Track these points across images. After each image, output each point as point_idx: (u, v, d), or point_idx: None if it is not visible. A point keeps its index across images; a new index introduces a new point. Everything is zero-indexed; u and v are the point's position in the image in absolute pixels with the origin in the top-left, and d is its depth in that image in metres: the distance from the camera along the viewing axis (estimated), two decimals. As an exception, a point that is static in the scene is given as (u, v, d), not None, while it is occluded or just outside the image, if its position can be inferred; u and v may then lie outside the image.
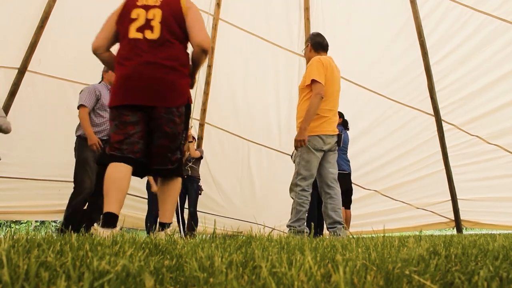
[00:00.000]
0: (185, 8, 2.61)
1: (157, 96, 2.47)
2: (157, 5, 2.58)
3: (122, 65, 2.54)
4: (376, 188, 7.16)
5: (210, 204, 7.38)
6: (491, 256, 1.24)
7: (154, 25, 2.54)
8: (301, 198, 3.62)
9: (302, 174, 3.66)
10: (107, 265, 0.91)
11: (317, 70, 3.62)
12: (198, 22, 2.63)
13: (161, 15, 2.56)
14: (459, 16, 6.14)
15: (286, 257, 1.14)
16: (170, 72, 2.51)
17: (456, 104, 6.58)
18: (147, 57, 2.48)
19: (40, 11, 5.78)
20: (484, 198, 6.84)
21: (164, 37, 2.54)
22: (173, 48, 2.57)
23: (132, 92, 2.45)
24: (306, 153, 3.68)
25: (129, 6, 2.62)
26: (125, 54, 2.54)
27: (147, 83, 2.45)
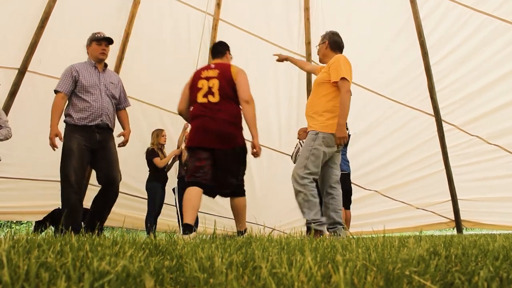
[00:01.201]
0: (234, 74, 3.58)
1: (217, 142, 3.41)
2: (215, 76, 3.56)
3: (194, 121, 3.53)
4: (376, 188, 7.16)
5: (210, 204, 7.37)
6: (491, 257, 1.24)
7: (215, 92, 3.50)
8: (312, 189, 3.51)
9: (310, 169, 3.54)
10: (107, 266, 0.91)
11: (345, 68, 3.57)
12: (244, 84, 3.59)
13: (218, 84, 3.52)
14: (459, 16, 6.14)
15: (286, 258, 1.14)
16: (226, 124, 3.45)
17: (456, 104, 6.58)
18: (211, 114, 3.44)
19: (40, 12, 5.79)
20: (484, 198, 6.84)
21: (222, 100, 3.49)
22: (228, 106, 3.51)
23: (202, 139, 3.43)
24: (318, 149, 3.56)
25: (196, 78, 3.64)
26: (196, 113, 3.52)
27: (211, 133, 3.41)
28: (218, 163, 3.43)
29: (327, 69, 3.70)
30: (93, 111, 3.84)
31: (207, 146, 3.41)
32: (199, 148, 3.44)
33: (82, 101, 3.84)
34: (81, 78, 3.86)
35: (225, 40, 7.23)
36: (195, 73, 3.72)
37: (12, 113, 5.85)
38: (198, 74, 3.65)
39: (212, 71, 3.60)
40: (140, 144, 6.34)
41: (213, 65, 3.70)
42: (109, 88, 4.00)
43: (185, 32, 6.89)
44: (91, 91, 3.86)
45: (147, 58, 6.83)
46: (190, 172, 3.46)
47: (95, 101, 3.86)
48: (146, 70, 6.76)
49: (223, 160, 3.42)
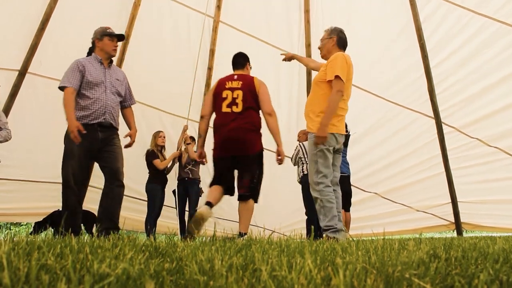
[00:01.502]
0: (258, 87, 3.88)
1: (238, 149, 3.76)
2: (239, 87, 3.83)
3: (218, 129, 3.83)
4: (376, 190, 7.16)
5: (210, 206, 7.37)
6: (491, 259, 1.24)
7: (238, 102, 3.78)
8: (328, 195, 3.44)
9: (322, 171, 3.49)
10: (108, 268, 0.91)
11: (341, 66, 3.49)
12: (266, 97, 3.89)
13: (242, 95, 3.79)
14: (459, 18, 6.15)
15: (286, 260, 1.14)
16: (247, 133, 3.77)
17: (456, 106, 6.58)
18: (234, 124, 3.74)
19: (41, 13, 5.79)
20: (484, 201, 6.83)
21: (245, 110, 3.78)
22: (250, 116, 3.80)
23: (226, 147, 3.79)
24: (321, 150, 3.51)
25: (221, 88, 3.89)
26: (220, 122, 3.84)
27: (233, 141, 3.75)
28: (238, 167, 3.82)
29: (324, 68, 3.64)
30: (96, 108, 3.70)
31: (229, 155, 3.79)
32: (224, 159, 3.84)
33: (85, 99, 3.71)
34: (87, 74, 3.72)
35: (226, 43, 7.28)
36: (219, 82, 3.96)
37: (12, 114, 5.85)
38: (222, 84, 3.91)
39: (236, 82, 3.88)
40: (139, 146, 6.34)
41: (236, 76, 3.95)
42: (115, 85, 3.87)
43: (185, 34, 6.90)
44: (95, 88, 3.73)
45: (147, 59, 6.84)
46: (214, 177, 3.90)
47: (99, 98, 3.72)
48: (146, 71, 6.75)
49: (243, 164, 3.79)
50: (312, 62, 4.47)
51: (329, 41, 3.80)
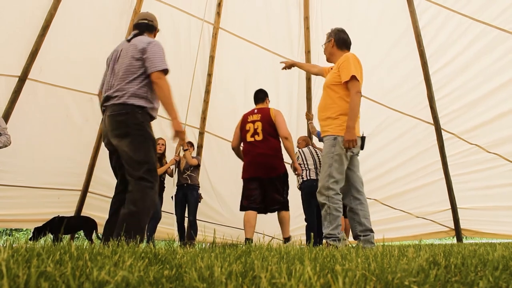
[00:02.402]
0: (273, 116, 4.56)
1: (264, 172, 4.39)
2: (258, 119, 4.57)
3: (246, 156, 4.56)
4: (376, 197, 7.15)
5: (210, 212, 7.37)
6: (490, 267, 1.24)
7: (259, 132, 4.51)
8: (336, 203, 3.37)
9: (335, 177, 3.39)
10: (107, 276, 0.91)
11: (355, 67, 3.42)
12: (282, 123, 4.55)
13: (261, 126, 4.52)
14: (458, 25, 6.18)
15: (285, 267, 1.14)
16: (270, 157, 4.44)
17: (455, 112, 6.59)
18: (258, 151, 4.45)
19: (42, 20, 5.82)
20: (484, 207, 6.82)
21: (265, 138, 4.49)
22: (270, 142, 4.49)
23: (253, 171, 4.44)
24: (339, 154, 3.41)
25: (244, 122, 4.66)
26: (247, 150, 4.57)
27: (259, 166, 4.42)
28: (267, 188, 4.39)
29: (336, 70, 3.56)
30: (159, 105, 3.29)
31: (256, 176, 4.41)
32: (251, 179, 4.45)
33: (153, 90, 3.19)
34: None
35: (225, 49, 7.30)
36: (243, 117, 4.73)
37: (12, 120, 5.86)
38: (245, 118, 4.67)
39: (256, 115, 4.62)
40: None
41: (256, 110, 4.70)
42: None
43: (186, 40, 6.92)
44: None
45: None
46: (244, 198, 4.46)
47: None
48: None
49: (270, 185, 4.38)
50: (313, 67, 4.43)
51: (328, 44, 3.79)
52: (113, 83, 3.17)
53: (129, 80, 3.11)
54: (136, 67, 3.13)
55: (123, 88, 3.09)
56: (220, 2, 7.00)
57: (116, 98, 3.08)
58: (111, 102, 3.10)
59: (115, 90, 3.11)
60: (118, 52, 3.28)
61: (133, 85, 3.10)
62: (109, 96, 3.13)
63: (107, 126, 3.12)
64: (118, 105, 3.06)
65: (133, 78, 3.11)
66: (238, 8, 7.08)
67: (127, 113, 3.04)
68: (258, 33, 7.13)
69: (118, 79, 3.14)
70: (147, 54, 3.13)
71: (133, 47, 3.18)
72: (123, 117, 3.04)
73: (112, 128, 3.07)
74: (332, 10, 6.95)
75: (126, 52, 3.20)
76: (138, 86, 3.11)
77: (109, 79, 3.23)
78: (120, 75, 3.14)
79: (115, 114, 3.06)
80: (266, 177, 4.39)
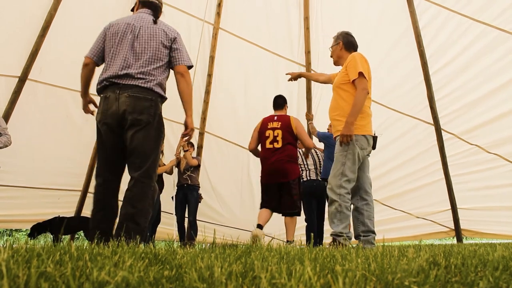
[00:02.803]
0: (294, 125, 4.69)
1: (280, 177, 4.59)
2: (278, 127, 4.70)
3: (263, 162, 4.74)
4: (375, 197, 7.13)
5: (210, 213, 7.37)
6: (491, 267, 1.24)
7: (279, 140, 4.64)
8: (347, 201, 3.33)
9: (347, 176, 3.35)
10: (107, 276, 0.91)
11: (362, 64, 3.43)
12: (304, 133, 4.72)
13: (281, 133, 4.66)
14: (458, 25, 6.18)
15: (285, 268, 1.14)
16: (287, 163, 4.61)
17: (455, 113, 6.59)
18: (276, 157, 4.62)
19: (41, 20, 5.82)
20: (484, 208, 6.83)
21: (284, 145, 4.64)
22: (288, 150, 4.66)
23: (270, 177, 4.64)
24: (353, 154, 3.38)
25: (264, 128, 4.77)
26: (264, 156, 4.73)
27: (277, 171, 4.60)
28: (282, 191, 4.61)
29: (344, 70, 3.56)
30: None
31: (273, 182, 4.63)
32: (268, 185, 4.68)
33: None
34: None
35: (225, 49, 7.30)
36: (263, 122, 4.84)
37: (12, 121, 5.86)
38: (265, 124, 4.79)
39: (276, 123, 4.74)
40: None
41: (276, 117, 4.80)
42: None
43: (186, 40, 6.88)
44: None
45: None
46: (262, 201, 4.72)
47: None
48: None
49: (285, 189, 4.60)
50: (321, 76, 4.41)
51: (336, 47, 3.79)
52: (132, 62, 2.96)
53: (156, 66, 2.99)
54: (164, 54, 3.04)
55: (150, 73, 2.95)
56: (220, 3, 7.00)
57: (142, 81, 2.91)
58: (133, 82, 2.91)
59: (139, 72, 2.93)
60: (136, 28, 3.07)
61: (159, 72, 3.00)
62: (130, 75, 2.92)
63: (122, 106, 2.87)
64: (144, 89, 2.91)
65: (160, 65, 3.01)
66: (238, 8, 7.08)
67: (152, 100, 2.92)
68: (258, 33, 7.13)
69: (143, 60, 2.97)
70: (177, 45, 3.11)
71: (163, 33, 3.08)
72: (148, 103, 2.90)
73: (133, 110, 2.86)
74: (332, 10, 6.95)
75: (152, 34, 3.05)
76: (163, 76, 3.04)
77: (126, 55, 2.98)
78: (145, 57, 2.97)
79: (142, 97, 2.89)
80: (280, 182, 4.63)
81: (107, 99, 2.94)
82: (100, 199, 2.92)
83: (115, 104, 2.88)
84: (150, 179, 2.91)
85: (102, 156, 3.02)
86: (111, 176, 2.98)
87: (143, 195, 2.84)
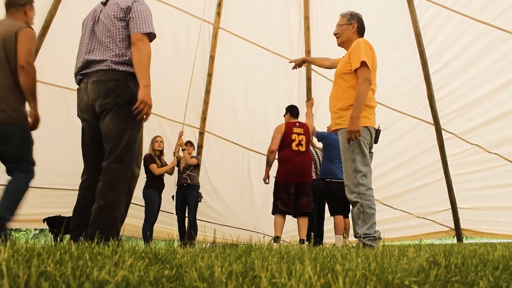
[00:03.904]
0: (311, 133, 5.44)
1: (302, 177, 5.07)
2: (302, 132, 5.22)
3: (286, 162, 5.10)
4: (376, 197, 7.08)
5: (210, 212, 7.36)
6: (491, 267, 1.24)
7: (303, 144, 5.18)
8: (369, 199, 3.14)
9: (361, 171, 3.13)
10: (107, 275, 0.91)
11: (366, 52, 3.19)
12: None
13: (305, 139, 5.22)
14: (458, 25, 6.18)
15: (286, 267, 1.14)
16: (309, 166, 5.26)
17: (456, 113, 6.60)
18: (301, 159, 5.12)
19: (42, 20, 5.82)
20: (484, 207, 6.83)
21: (307, 150, 5.25)
22: (309, 155, 5.37)
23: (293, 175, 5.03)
24: (359, 147, 3.15)
25: (289, 131, 5.19)
26: (289, 156, 5.11)
27: (301, 171, 5.08)
28: (299, 191, 5.00)
29: (347, 57, 3.32)
30: None
31: (295, 181, 5.01)
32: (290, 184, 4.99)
33: None
34: None
35: (225, 49, 7.30)
36: (287, 127, 5.23)
37: (12, 120, 5.85)
38: (290, 129, 5.21)
39: (299, 129, 5.24)
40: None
41: (298, 124, 5.32)
42: None
43: (186, 40, 6.91)
44: None
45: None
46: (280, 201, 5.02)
47: None
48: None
49: (303, 189, 5.03)
50: (326, 61, 4.11)
51: (348, 27, 3.47)
52: (93, 46, 2.81)
53: (116, 43, 2.76)
54: (120, 28, 2.79)
55: (111, 52, 2.75)
56: (220, 2, 6.99)
57: (103, 64, 2.72)
58: (95, 67, 2.74)
59: (101, 54, 2.75)
60: (97, 13, 2.94)
61: (120, 49, 2.76)
62: (91, 60, 2.76)
63: (90, 95, 2.72)
64: (106, 71, 2.71)
65: (119, 40, 2.77)
66: (238, 8, 7.07)
67: (118, 80, 2.70)
68: (258, 33, 7.13)
69: (103, 42, 2.79)
70: (131, 14, 2.79)
71: (115, 7, 2.84)
72: (113, 83, 2.69)
73: (99, 96, 2.68)
74: (332, 10, 6.93)
75: (107, 13, 2.85)
76: (127, 51, 2.77)
77: (88, 42, 2.84)
78: (104, 38, 2.79)
79: (105, 80, 2.69)
80: (301, 182, 5.03)
81: (79, 91, 2.85)
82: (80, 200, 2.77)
83: (85, 95, 2.76)
84: (123, 164, 2.64)
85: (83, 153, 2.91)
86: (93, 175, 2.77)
87: (114, 184, 2.60)
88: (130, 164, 2.67)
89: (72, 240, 2.55)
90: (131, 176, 2.70)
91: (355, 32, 3.47)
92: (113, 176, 2.61)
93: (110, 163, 2.62)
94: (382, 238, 3.13)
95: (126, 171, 2.66)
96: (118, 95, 2.67)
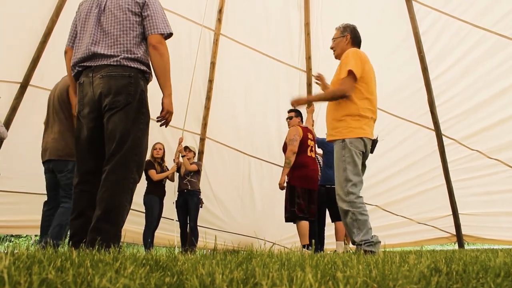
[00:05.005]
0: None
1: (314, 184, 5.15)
2: (312, 139, 5.32)
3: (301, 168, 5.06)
4: (376, 203, 7.14)
5: (211, 218, 7.35)
6: (492, 273, 1.24)
7: (314, 150, 5.32)
8: (360, 206, 3.17)
9: (352, 180, 3.18)
10: (108, 283, 0.91)
11: (355, 62, 3.21)
12: None
13: (315, 146, 5.36)
14: (458, 31, 6.20)
15: (286, 274, 1.14)
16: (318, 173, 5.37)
17: (456, 118, 6.61)
18: (314, 166, 5.23)
19: (43, 27, 5.84)
20: (485, 213, 6.81)
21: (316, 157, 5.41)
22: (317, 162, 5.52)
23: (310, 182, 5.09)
24: (351, 156, 3.21)
25: (306, 136, 5.20)
26: (307, 162, 5.13)
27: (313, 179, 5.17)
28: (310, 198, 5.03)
29: (338, 69, 3.37)
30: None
31: (310, 187, 5.05)
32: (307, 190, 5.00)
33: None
34: None
35: (226, 55, 7.32)
36: (304, 133, 5.23)
37: (13, 127, 5.87)
38: (306, 135, 5.23)
39: (311, 135, 5.35)
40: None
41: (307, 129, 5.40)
42: None
43: (187, 47, 6.93)
44: None
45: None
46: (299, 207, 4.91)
47: None
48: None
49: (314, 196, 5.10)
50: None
51: (342, 40, 3.54)
52: (100, 38, 2.63)
53: (128, 38, 2.59)
54: (135, 23, 2.62)
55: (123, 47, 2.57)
56: (221, 9, 7.02)
57: (115, 58, 2.55)
58: (103, 61, 2.57)
59: (110, 48, 2.58)
60: (102, 1, 2.73)
61: (133, 45, 2.59)
62: (98, 53, 2.59)
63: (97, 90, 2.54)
64: (117, 67, 2.54)
65: (133, 36, 2.60)
66: (239, 14, 7.10)
67: (131, 77, 2.56)
68: (259, 39, 7.15)
69: (112, 35, 2.60)
70: (149, 11, 2.63)
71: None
72: (126, 80, 2.53)
73: (109, 92, 2.51)
74: (332, 16, 6.97)
75: (117, 3, 2.66)
76: (140, 48, 2.63)
77: (93, 31, 2.65)
78: (114, 31, 2.60)
79: (116, 76, 2.53)
80: (313, 189, 5.12)
81: (81, 85, 2.65)
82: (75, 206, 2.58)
83: (90, 89, 2.57)
84: (126, 169, 2.47)
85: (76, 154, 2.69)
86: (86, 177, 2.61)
87: (117, 190, 2.44)
88: (133, 169, 2.51)
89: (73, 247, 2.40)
90: (134, 182, 2.54)
91: (349, 43, 3.52)
92: (115, 182, 2.44)
93: (113, 167, 2.45)
94: (381, 241, 3.14)
95: (129, 177, 2.49)
96: (129, 94, 2.53)
